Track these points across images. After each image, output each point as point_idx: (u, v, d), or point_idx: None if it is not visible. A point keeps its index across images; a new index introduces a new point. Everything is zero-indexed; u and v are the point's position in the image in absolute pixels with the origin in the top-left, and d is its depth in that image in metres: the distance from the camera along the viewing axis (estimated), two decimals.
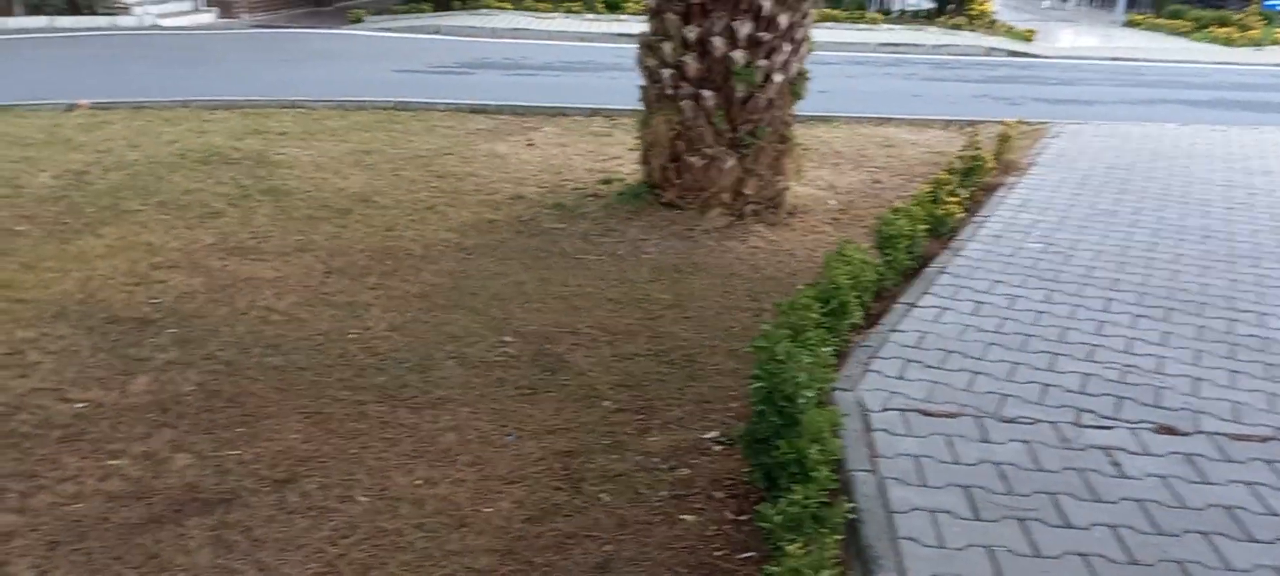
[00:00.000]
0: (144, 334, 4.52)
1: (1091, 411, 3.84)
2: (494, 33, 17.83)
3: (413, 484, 3.41)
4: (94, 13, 17.51)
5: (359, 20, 19.62)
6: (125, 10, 17.90)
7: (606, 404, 4.05)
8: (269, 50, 15.66)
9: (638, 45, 6.76)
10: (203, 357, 4.30)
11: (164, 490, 3.32)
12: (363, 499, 3.31)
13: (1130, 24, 24.23)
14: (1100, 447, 3.56)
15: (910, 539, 2.93)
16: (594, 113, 10.17)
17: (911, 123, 10.37)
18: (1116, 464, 3.45)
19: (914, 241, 5.47)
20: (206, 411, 3.84)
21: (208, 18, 19.35)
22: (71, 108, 9.77)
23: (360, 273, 5.41)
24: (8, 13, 16.83)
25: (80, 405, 3.85)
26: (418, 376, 4.21)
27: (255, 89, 11.00)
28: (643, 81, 6.75)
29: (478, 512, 3.26)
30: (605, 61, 14.22)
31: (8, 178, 7.04)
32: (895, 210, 5.72)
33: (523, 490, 3.41)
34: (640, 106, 6.86)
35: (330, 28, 18.96)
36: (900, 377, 4.06)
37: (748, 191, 6.55)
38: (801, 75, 6.58)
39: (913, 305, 4.89)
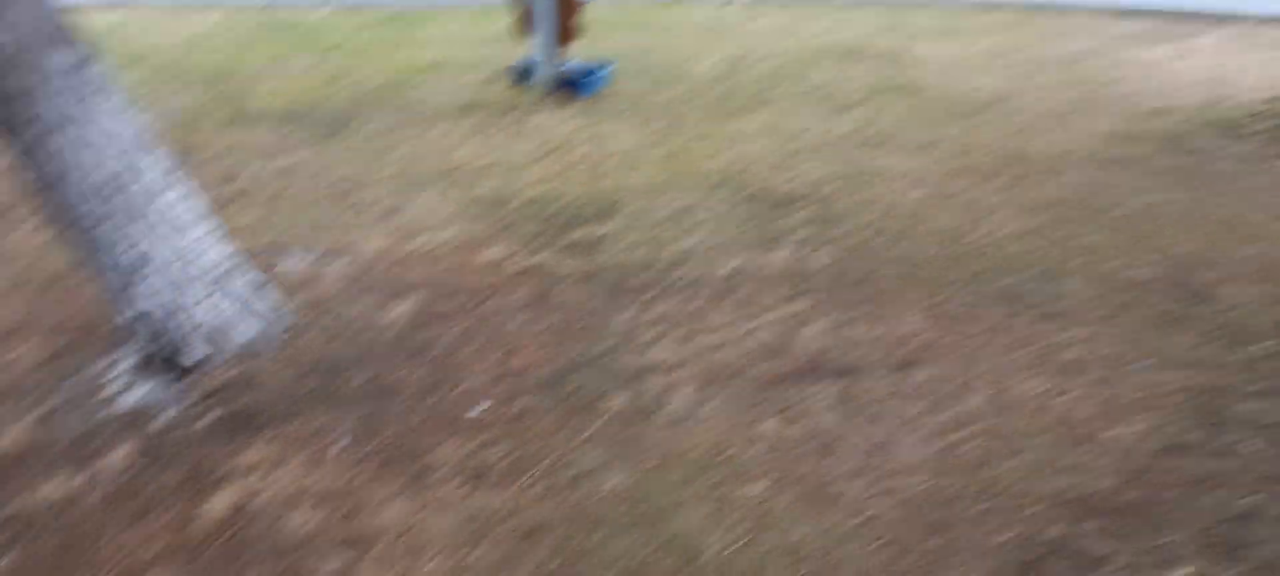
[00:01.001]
0: (784, 211, 4.96)
1: None
2: None
3: (1031, 392, 3.36)
4: None
5: None
6: None
7: (1258, 347, 3.58)
8: None
9: None
10: (833, 238, 4.60)
11: (795, 353, 3.66)
12: (978, 397, 3.34)
13: None
14: None
15: None
16: (1273, 20, 8.74)
17: None
18: None
19: None
20: (835, 288, 4.13)
21: None
22: (728, 2, 10.82)
23: (987, 175, 5.34)
24: None
25: (733, 265, 4.37)
26: (1040, 286, 4.09)
27: None
28: None
29: (1099, 433, 3.12)
30: None
31: (680, 61, 8.07)
32: None
33: (1151, 420, 3.18)
34: None
35: None
36: None
37: None
38: None
39: None
